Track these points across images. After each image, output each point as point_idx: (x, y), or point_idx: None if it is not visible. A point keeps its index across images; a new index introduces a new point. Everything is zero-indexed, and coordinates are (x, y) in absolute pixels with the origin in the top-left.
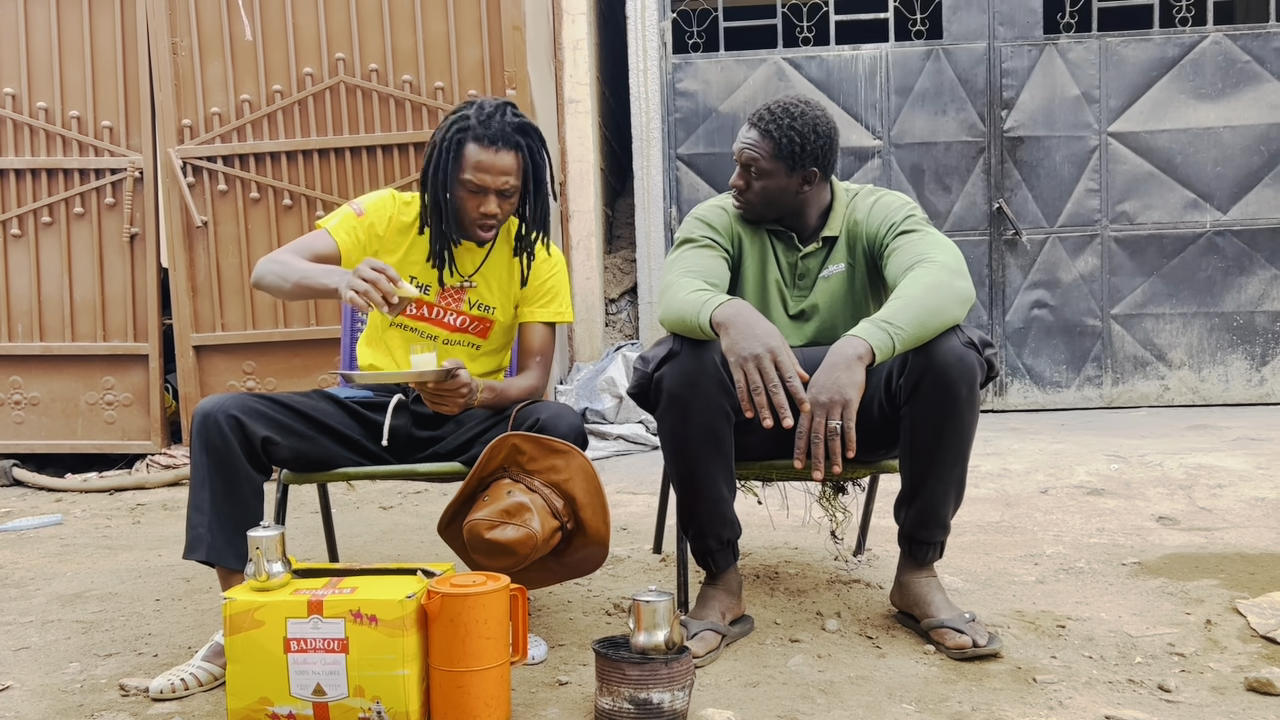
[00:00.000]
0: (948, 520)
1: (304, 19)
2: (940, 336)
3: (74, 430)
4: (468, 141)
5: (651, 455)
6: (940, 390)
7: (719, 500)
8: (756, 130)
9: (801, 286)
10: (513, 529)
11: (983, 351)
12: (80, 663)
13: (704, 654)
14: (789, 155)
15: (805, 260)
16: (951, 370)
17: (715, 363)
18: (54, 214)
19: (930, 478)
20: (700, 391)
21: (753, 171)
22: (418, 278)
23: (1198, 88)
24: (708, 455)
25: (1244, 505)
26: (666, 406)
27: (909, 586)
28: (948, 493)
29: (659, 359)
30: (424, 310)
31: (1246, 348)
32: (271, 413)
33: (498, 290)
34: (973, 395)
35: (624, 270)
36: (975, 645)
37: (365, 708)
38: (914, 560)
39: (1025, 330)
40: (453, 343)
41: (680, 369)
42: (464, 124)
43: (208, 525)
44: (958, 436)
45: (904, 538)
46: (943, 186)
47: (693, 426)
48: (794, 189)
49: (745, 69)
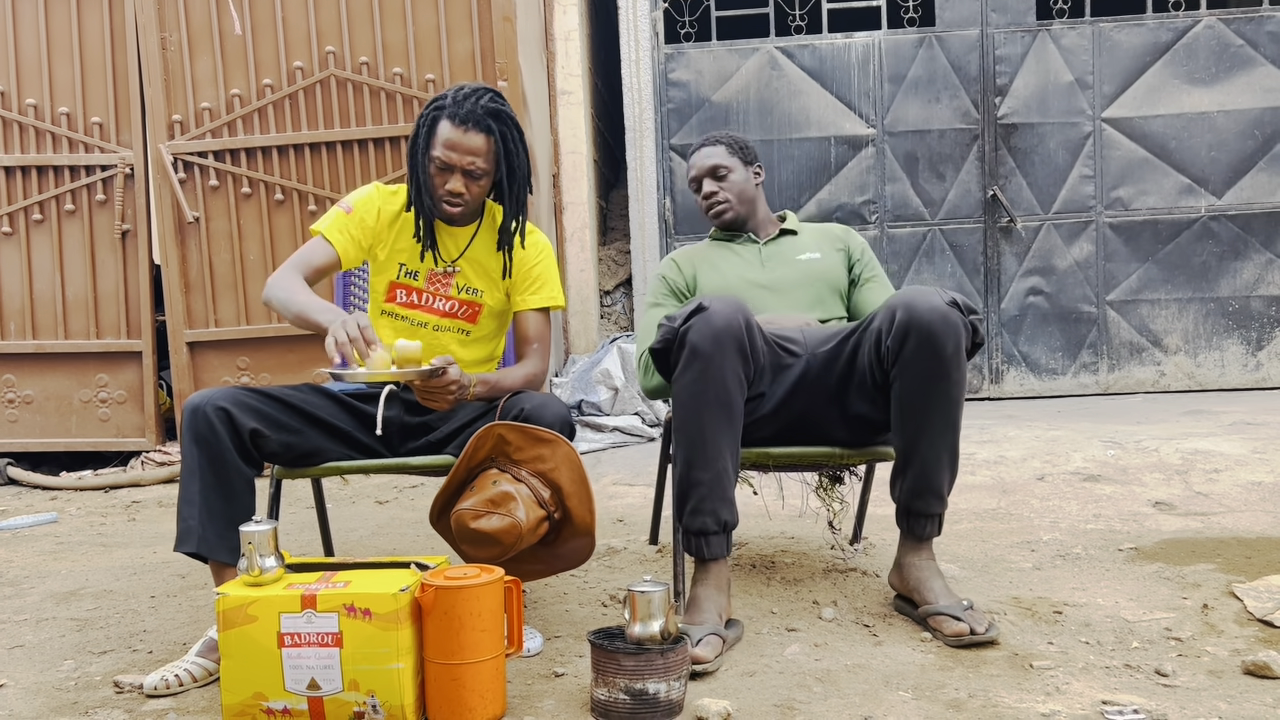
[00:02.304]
0: (943, 491)
1: (293, 12)
2: (923, 297)
3: (68, 428)
4: (441, 119)
5: (647, 447)
6: (927, 347)
7: (723, 473)
8: (707, 145)
9: (770, 267)
10: (497, 518)
11: (966, 314)
12: (75, 660)
13: (713, 658)
14: (740, 150)
15: (769, 246)
16: (935, 325)
17: (740, 325)
18: (45, 211)
19: (922, 442)
20: (723, 348)
21: (720, 173)
22: (406, 264)
23: (1191, 72)
24: (719, 419)
25: (1240, 489)
26: (688, 360)
27: (908, 569)
28: (940, 459)
29: (687, 313)
30: (412, 296)
31: (1242, 332)
32: (261, 405)
33: (484, 274)
34: (959, 354)
35: (618, 262)
36: (973, 633)
37: (360, 701)
38: (912, 536)
39: (1021, 317)
40: (442, 329)
41: (707, 323)
42: (441, 103)
43: (198, 517)
44: (946, 398)
45: (901, 512)
46: (937, 174)
47: (710, 384)
48: (752, 180)
49: (738, 58)
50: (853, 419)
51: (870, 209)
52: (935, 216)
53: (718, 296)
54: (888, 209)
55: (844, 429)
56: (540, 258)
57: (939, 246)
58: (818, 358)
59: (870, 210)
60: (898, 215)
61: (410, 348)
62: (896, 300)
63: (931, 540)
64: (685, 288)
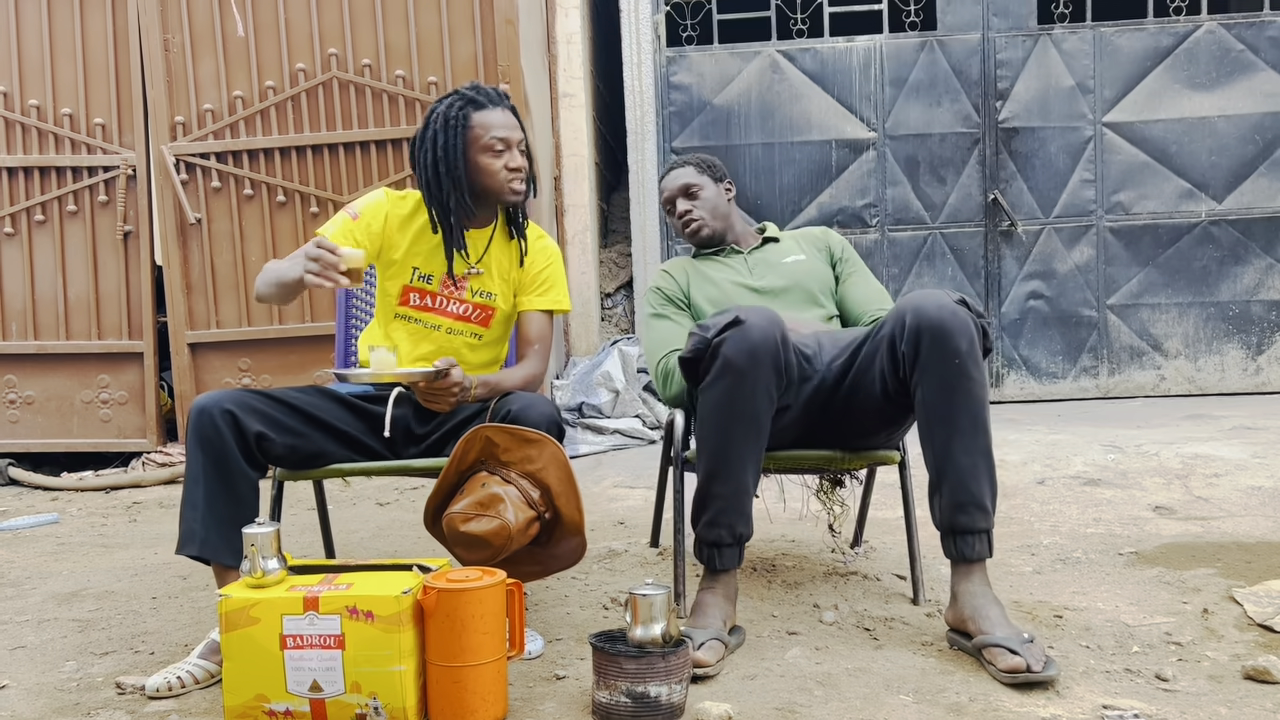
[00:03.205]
0: (985, 502)
1: (296, 14)
2: (930, 298)
3: (69, 429)
4: (470, 110)
5: (648, 450)
6: (942, 346)
7: (742, 490)
8: (675, 169)
9: (759, 273)
10: (486, 520)
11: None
12: (76, 661)
13: (715, 662)
14: (708, 168)
15: (754, 254)
16: (947, 322)
17: (776, 340)
18: (47, 212)
19: (955, 448)
20: (757, 363)
21: (692, 190)
22: (421, 267)
23: (1192, 77)
24: (746, 435)
25: (1240, 494)
26: (719, 373)
27: (961, 599)
28: (976, 465)
29: (721, 325)
30: (427, 300)
31: (1242, 337)
32: (267, 409)
33: (499, 277)
34: (974, 351)
35: (619, 265)
36: (1029, 670)
37: (362, 704)
38: (962, 559)
39: (1021, 321)
40: (456, 332)
41: (744, 337)
42: (460, 100)
43: (201, 520)
44: (970, 398)
45: (945, 535)
46: (938, 178)
47: (741, 400)
48: (724, 196)
49: (739, 61)
50: (862, 426)
51: (871, 212)
52: (936, 220)
53: (754, 309)
54: (888, 212)
55: (852, 435)
56: (549, 261)
57: (940, 250)
58: (833, 370)
59: (871, 214)
60: (898, 219)
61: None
62: (904, 305)
63: (984, 562)
64: (681, 295)
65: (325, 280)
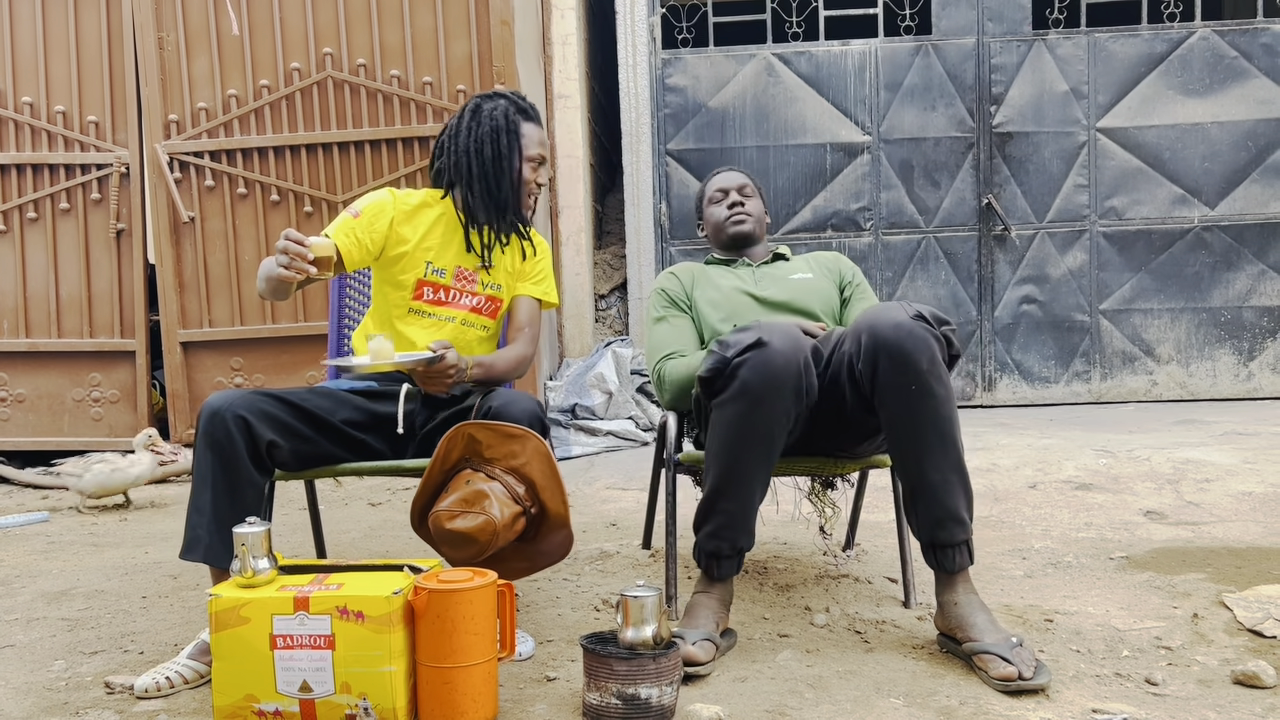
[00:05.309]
0: (961, 515)
1: (291, 14)
2: (885, 314)
3: (60, 427)
4: (521, 121)
5: (641, 451)
6: (900, 367)
7: (748, 507)
8: (734, 171)
9: (764, 284)
10: (471, 517)
11: (936, 326)
12: (65, 660)
13: (707, 660)
14: (758, 188)
15: (762, 268)
16: (904, 343)
17: (799, 365)
18: (39, 210)
19: (926, 468)
20: (776, 388)
21: (746, 192)
22: (434, 261)
23: (1185, 83)
24: (756, 457)
25: (1231, 499)
26: (736, 394)
27: (948, 608)
28: (948, 481)
29: (743, 346)
30: (440, 294)
31: (1234, 343)
32: (279, 414)
33: (504, 271)
34: (935, 367)
35: (614, 266)
36: (1021, 678)
37: (352, 704)
38: (944, 571)
39: (1014, 326)
40: (469, 324)
41: (765, 362)
42: (512, 107)
43: (207, 527)
44: (934, 414)
45: (926, 549)
46: (932, 182)
47: (754, 423)
48: (764, 214)
49: (735, 64)
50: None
51: (865, 216)
52: (930, 224)
53: (777, 327)
54: (883, 216)
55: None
56: (543, 256)
57: (933, 254)
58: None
59: (865, 217)
60: (892, 223)
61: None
62: (861, 322)
63: (965, 571)
64: (685, 296)
65: (294, 271)
